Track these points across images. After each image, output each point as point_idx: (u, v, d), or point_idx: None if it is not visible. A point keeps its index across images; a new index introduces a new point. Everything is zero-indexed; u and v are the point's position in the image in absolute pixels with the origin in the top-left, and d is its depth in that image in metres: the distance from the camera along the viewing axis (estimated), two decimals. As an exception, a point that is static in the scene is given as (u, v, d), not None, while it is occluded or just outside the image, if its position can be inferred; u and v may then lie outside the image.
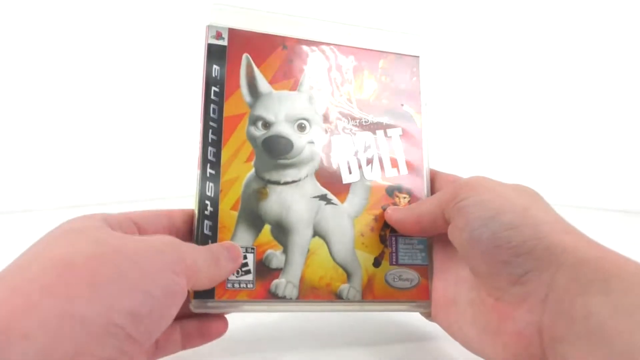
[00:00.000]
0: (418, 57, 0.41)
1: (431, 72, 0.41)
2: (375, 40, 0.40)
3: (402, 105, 0.39)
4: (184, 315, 0.33)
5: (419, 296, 0.37)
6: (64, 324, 0.21)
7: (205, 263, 0.29)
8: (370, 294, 0.36)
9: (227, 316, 0.35)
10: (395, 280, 0.37)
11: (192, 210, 0.35)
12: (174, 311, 0.26)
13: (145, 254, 0.26)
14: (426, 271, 0.37)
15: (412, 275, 0.37)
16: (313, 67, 0.38)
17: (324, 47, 0.39)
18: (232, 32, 0.37)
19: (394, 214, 0.37)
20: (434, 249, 0.38)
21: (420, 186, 0.39)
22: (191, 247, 0.29)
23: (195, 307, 0.32)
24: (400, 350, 0.37)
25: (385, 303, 0.36)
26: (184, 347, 0.33)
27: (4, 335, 0.20)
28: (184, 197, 0.36)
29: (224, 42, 0.36)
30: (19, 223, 0.72)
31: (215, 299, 0.32)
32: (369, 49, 0.40)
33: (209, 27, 0.36)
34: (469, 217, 0.30)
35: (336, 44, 0.39)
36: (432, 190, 0.39)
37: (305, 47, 0.38)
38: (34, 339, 0.20)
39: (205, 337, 0.33)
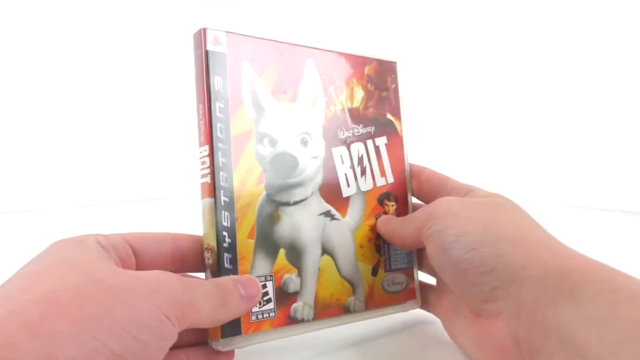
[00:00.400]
0: (395, 62, 0.41)
1: (409, 78, 0.42)
2: (359, 46, 0.39)
3: (386, 113, 0.40)
4: (189, 343, 0.31)
5: (408, 297, 0.40)
6: None
7: (207, 302, 0.27)
8: (372, 302, 0.38)
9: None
10: (390, 285, 0.39)
11: (199, 237, 0.32)
12: (162, 354, 0.25)
13: (136, 293, 0.24)
14: (412, 273, 0.40)
15: (402, 279, 0.40)
16: (310, 76, 0.36)
17: (316, 53, 0.37)
18: (230, 36, 0.33)
19: (381, 227, 0.38)
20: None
21: (404, 192, 0.41)
22: (191, 284, 0.27)
23: (223, 346, 0.30)
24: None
25: (383, 309, 0.38)
26: None
27: None
28: (184, 197, 0.33)
29: (223, 49, 0.32)
30: (20, 223, 0.68)
31: (242, 334, 0.31)
32: (355, 55, 0.39)
33: (207, 29, 0.32)
34: (435, 244, 0.32)
35: (327, 50, 0.37)
36: (418, 188, 0.41)
37: (300, 54, 0.36)
38: None
39: None
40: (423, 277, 0.41)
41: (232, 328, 0.31)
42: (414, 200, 0.41)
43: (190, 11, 0.32)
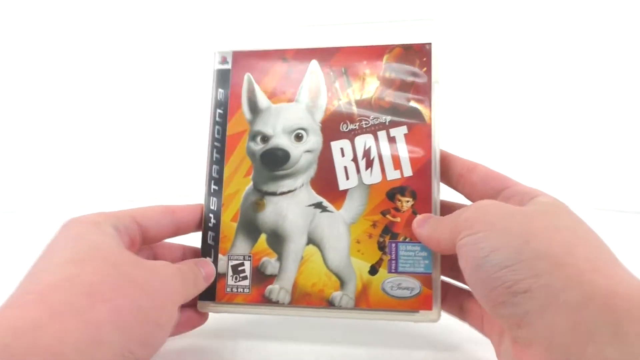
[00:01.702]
0: (430, 44, 0.37)
1: (445, 59, 0.37)
2: (378, 35, 0.38)
3: (410, 101, 0.37)
4: None
5: (421, 306, 0.34)
6: (93, 349, 0.25)
7: (190, 286, 0.34)
8: (365, 302, 0.35)
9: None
10: (394, 288, 0.35)
11: (195, 207, 0.38)
12: (168, 335, 0.31)
13: (154, 285, 0.30)
14: (430, 280, 0.35)
15: (413, 283, 0.35)
16: (311, 75, 0.38)
17: (323, 52, 0.38)
18: (235, 54, 0.39)
19: (416, 228, 0.35)
20: None
21: (427, 188, 0.36)
22: (182, 273, 0.33)
23: (200, 307, 0.37)
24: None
25: (380, 312, 0.35)
26: (171, 335, 0.35)
27: (48, 354, 0.23)
28: (188, 196, 0.40)
29: (228, 66, 0.39)
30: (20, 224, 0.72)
31: (215, 301, 0.37)
32: (370, 46, 0.38)
33: (216, 53, 0.40)
34: (467, 258, 0.29)
35: (335, 47, 0.38)
36: (447, 176, 0.36)
37: (304, 56, 0.39)
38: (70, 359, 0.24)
39: (192, 324, 0.37)
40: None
41: (208, 294, 0.37)
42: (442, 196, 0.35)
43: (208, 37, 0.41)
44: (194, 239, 0.38)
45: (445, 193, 0.36)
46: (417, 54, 0.37)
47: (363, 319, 0.35)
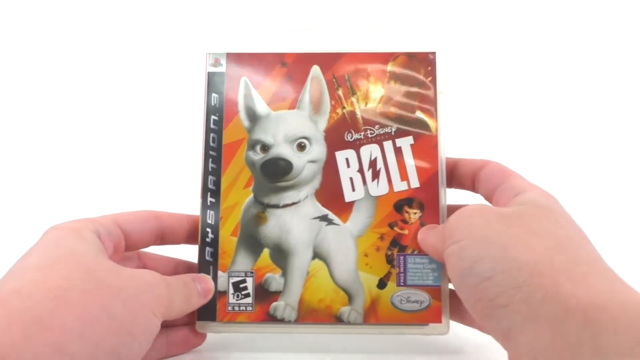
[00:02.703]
0: (434, 53, 0.37)
1: (450, 69, 0.36)
2: (382, 42, 0.37)
3: (415, 111, 0.36)
4: (169, 324, 0.34)
5: (430, 319, 0.34)
6: (54, 358, 0.23)
7: (178, 300, 0.31)
8: (374, 317, 0.35)
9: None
10: (403, 302, 0.35)
11: (179, 214, 0.36)
12: (147, 347, 0.29)
13: (130, 293, 0.28)
14: (439, 292, 0.35)
15: (423, 296, 0.35)
16: (314, 81, 0.37)
17: (325, 58, 0.37)
18: (230, 56, 0.37)
19: (418, 237, 0.35)
20: None
21: (434, 198, 0.35)
22: (170, 283, 0.31)
23: (199, 327, 0.35)
24: None
25: (390, 326, 0.35)
26: (167, 355, 0.34)
27: None
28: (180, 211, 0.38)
29: (222, 69, 0.37)
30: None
31: (216, 321, 0.35)
32: (375, 53, 0.37)
33: (208, 54, 0.37)
34: (452, 269, 0.29)
35: (338, 52, 0.37)
36: (460, 181, 0.36)
37: (305, 61, 0.37)
38: None
39: (189, 345, 0.35)
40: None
41: (207, 314, 0.35)
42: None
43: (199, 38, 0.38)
44: (190, 255, 0.36)
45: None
46: (422, 63, 0.37)
47: (372, 334, 0.35)
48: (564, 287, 0.24)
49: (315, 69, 0.37)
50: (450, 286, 0.36)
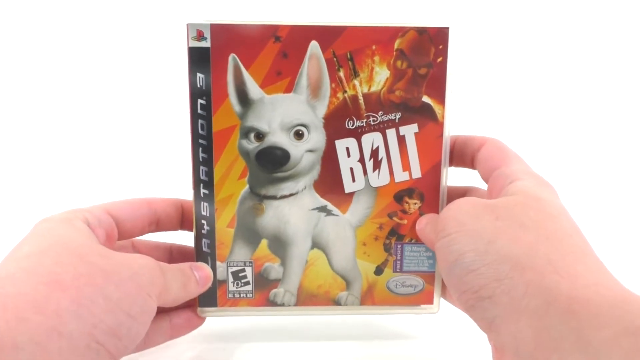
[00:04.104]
0: (447, 28, 0.32)
1: (464, 48, 0.33)
2: (389, 14, 0.32)
3: (422, 95, 0.33)
4: (171, 309, 0.35)
5: (423, 301, 0.36)
6: (51, 339, 0.24)
7: (175, 286, 0.31)
8: (370, 300, 0.36)
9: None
10: (398, 286, 0.36)
11: (172, 199, 0.36)
12: (146, 328, 0.29)
13: (124, 275, 0.28)
14: (432, 277, 0.36)
15: (417, 281, 0.36)
16: (312, 60, 0.32)
17: (324, 32, 0.32)
18: (214, 28, 0.32)
19: (417, 230, 0.35)
20: None
21: (435, 189, 0.35)
22: (165, 268, 0.31)
23: (201, 313, 0.36)
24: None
25: (384, 308, 0.36)
26: (171, 337, 0.35)
27: None
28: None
29: (207, 43, 0.32)
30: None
31: (217, 307, 0.36)
32: (381, 27, 0.32)
33: (189, 25, 0.32)
34: (440, 261, 0.29)
35: (340, 26, 0.32)
36: (454, 157, 0.36)
37: (301, 36, 0.32)
38: (23, 350, 0.23)
39: (192, 326, 0.36)
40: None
41: (208, 301, 0.35)
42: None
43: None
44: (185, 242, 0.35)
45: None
46: (432, 41, 0.33)
47: (367, 314, 0.37)
48: (548, 279, 0.24)
49: (314, 46, 0.32)
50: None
